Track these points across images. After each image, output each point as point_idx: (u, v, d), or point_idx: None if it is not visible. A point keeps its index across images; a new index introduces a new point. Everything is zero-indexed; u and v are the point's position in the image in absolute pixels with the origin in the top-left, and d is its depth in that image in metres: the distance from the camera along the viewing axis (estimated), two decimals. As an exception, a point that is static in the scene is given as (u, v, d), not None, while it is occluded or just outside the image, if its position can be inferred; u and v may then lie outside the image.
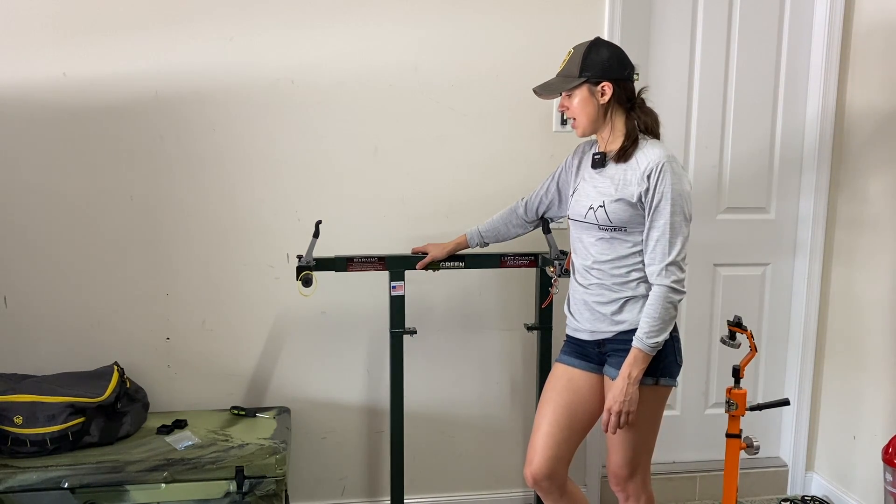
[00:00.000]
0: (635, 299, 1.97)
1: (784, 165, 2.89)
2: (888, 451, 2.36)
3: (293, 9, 2.47)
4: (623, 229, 1.95)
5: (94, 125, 2.44)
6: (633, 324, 1.96)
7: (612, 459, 2.06)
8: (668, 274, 1.89)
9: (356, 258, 2.37)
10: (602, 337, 2.03)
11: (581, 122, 1.99)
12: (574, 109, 1.98)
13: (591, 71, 1.93)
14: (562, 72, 2.00)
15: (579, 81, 1.94)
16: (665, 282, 1.89)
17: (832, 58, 2.76)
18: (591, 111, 1.96)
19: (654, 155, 1.91)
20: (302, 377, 2.67)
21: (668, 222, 1.88)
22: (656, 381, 1.98)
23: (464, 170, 2.64)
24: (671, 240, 1.89)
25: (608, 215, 1.95)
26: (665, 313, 1.90)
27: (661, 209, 1.89)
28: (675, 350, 2.01)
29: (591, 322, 2.04)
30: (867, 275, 2.72)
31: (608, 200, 1.95)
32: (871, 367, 2.70)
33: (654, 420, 2.04)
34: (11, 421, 2.17)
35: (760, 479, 3.01)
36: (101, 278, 2.51)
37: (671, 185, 1.88)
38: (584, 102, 1.96)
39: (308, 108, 2.53)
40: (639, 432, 1.99)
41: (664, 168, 1.88)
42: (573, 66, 1.96)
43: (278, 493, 2.21)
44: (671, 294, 1.90)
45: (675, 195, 1.88)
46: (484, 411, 2.81)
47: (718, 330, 2.94)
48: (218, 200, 2.54)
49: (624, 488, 2.09)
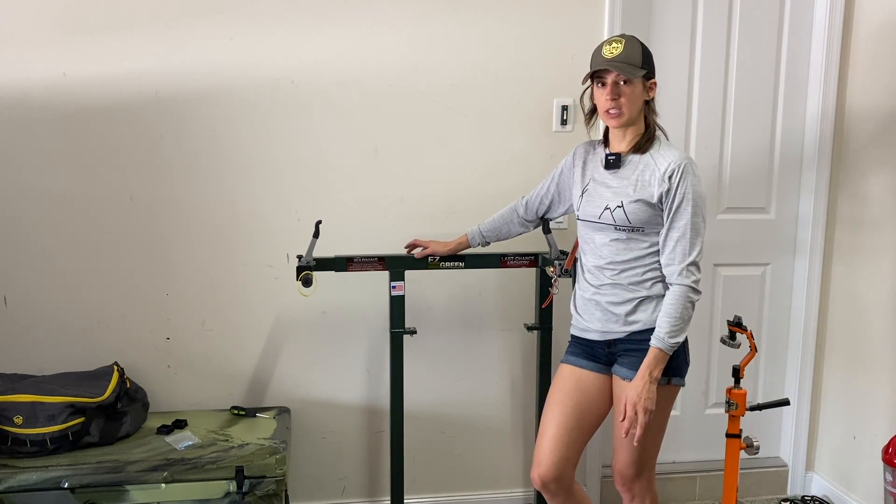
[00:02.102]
0: (649, 300, 1.99)
1: (784, 165, 2.89)
2: (888, 451, 2.36)
3: (293, 9, 2.47)
4: (641, 230, 1.97)
5: (94, 125, 2.44)
6: (646, 324, 1.98)
7: (620, 459, 2.06)
8: (689, 274, 1.92)
9: (356, 258, 2.37)
10: (613, 337, 2.03)
11: (629, 111, 1.96)
12: (627, 97, 1.94)
13: (649, 66, 1.96)
14: (620, 58, 1.92)
15: (643, 72, 1.95)
16: (685, 282, 1.92)
17: (832, 58, 2.76)
18: (640, 104, 1.98)
19: (674, 156, 1.94)
20: (302, 377, 2.67)
21: (688, 223, 1.91)
22: (668, 381, 1.99)
23: (464, 170, 2.64)
24: (692, 240, 1.92)
25: (627, 216, 1.96)
26: (685, 312, 1.92)
27: (682, 210, 1.92)
28: (685, 350, 2.03)
29: (603, 322, 2.04)
30: (867, 275, 2.72)
31: (626, 201, 1.96)
32: (872, 366, 2.70)
33: (664, 420, 2.05)
34: (11, 421, 2.17)
35: (760, 479, 3.01)
36: (101, 278, 2.52)
37: (692, 186, 1.91)
38: (639, 94, 1.96)
39: (308, 108, 2.53)
40: (648, 432, 1.98)
41: (686, 169, 1.91)
42: (635, 56, 1.93)
43: (278, 493, 2.21)
44: (691, 294, 1.93)
45: (696, 196, 1.91)
46: (484, 411, 2.81)
47: (718, 330, 2.94)
48: (218, 200, 2.54)
49: (630, 488, 2.09)
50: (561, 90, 2.61)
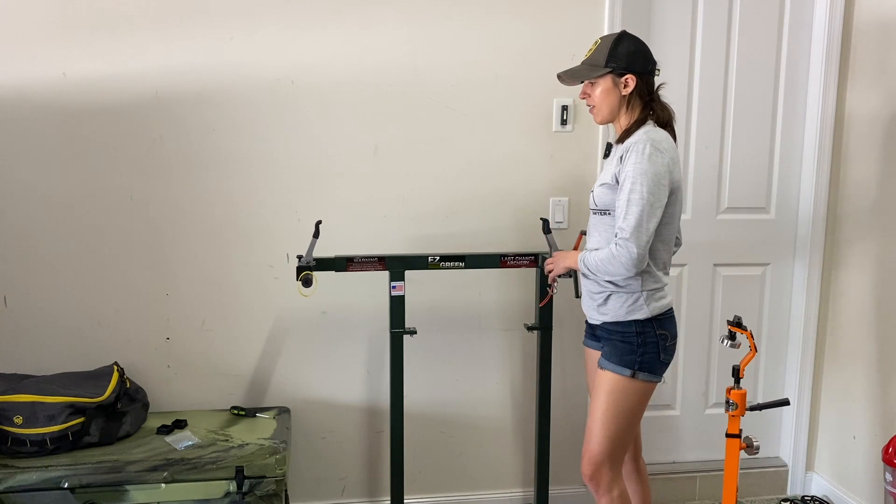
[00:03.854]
0: (618, 294, 2.03)
1: (784, 165, 2.89)
2: (888, 451, 2.36)
3: (293, 9, 2.47)
4: (608, 212, 2.04)
5: (94, 125, 2.44)
6: (615, 317, 2.03)
7: (586, 447, 2.08)
8: (622, 244, 1.92)
9: (356, 258, 2.37)
10: (594, 322, 2.14)
11: (601, 110, 2.06)
12: (596, 97, 2.05)
13: (617, 62, 2.00)
14: (588, 60, 2.06)
15: (605, 71, 2.01)
16: (615, 249, 1.93)
17: (832, 58, 2.76)
18: (613, 101, 2.03)
19: (634, 139, 1.98)
20: (302, 377, 2.67)
21: (626, 198, 1.92)
22: (633, 374, 2.01)
23: (464, 170, 2.64)
24: (626, 213, 1.92)
25: (594, 198, 2.07)
26: (604, 266, 1.96)
27: (623, 185, 1.95)
28: (659, 347, 2.03)
29: (587, 307, 2.16)
30: (867, 275, 2.72)
31: (598, 184, 2.08)
32: (871, 367, 2.70)
33: (631, 413, 2.05)
34: (11, 421, 2.17)
35: (760, 479, 3.01)
36: (101, 278, 2.52)
37: (635, 163, 1.92)
38: (606, 92, 2.03)
39: (308, 108, 2.53)
40: (615, 421, 2.03)
41: (634, 148, 1.94)
42: (600, 56, 2.02)
43: (278, 493, 2.21)
44: (617, 261, 1.93)
45: (637, 173, 1.91)
46: (484, 411, 2.81)
47: (718, 330, 2.94)
48: (218, 201, 2.54)
49: (597, 479, 2.08)
50: (561, 90, 2.61)
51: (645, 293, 2.01)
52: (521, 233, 2.68)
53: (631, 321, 2.01)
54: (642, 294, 2.01)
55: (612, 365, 2.03)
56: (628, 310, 2.02)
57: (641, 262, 1.93)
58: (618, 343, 2.03)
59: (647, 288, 2.01)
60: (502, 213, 2.67)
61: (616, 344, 2.03)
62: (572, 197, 2.70)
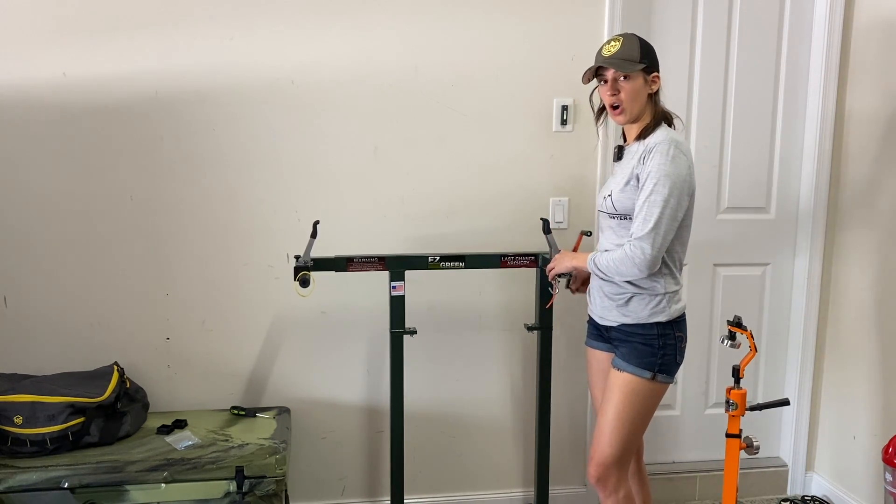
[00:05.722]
0: (640, 296, 2.01)
1: (784, 165, 2.89)
2: (888, 451, 2.36)
3: (293, 9, 2.47)
4: (628, 217, 2.00)
5: (94, 125, 2.44)
6: (637, 319, 2.01)
7: (596, 448, 2.07)
8: (638, 246, 1.92)
9: (356, 258, 2.37)
10: (608, 324, 2.09)
11: (631, 107, 2.00)
12: (628, 93, 1.99)
13: (649, 60, 1.99)
14: (617, 55, 1.98)
15: (641, 66, 1.97)
16: (631, 251, 1.92)
17: (832, 58, 2.76)
18: (643, 99, 2.01)
19: (657, 138, 1.97)
20: (302, 377, 2.67)
21: (646, 199, 1.91)
22: (653, 376, 2.00)
23: (464, 170, 2.64)
24: (646, 216, 1.91)
25: (614, 203, 2.02)
26: (618, 267, 1.95)
27: (645, 186, 1.93)
28: (676, 349, 2.04)
29: (602, 308, 2.11)
30: (867, 275, 2.71)
31: (616, 189, 2.02)
32: (871, 366, 2.70)
33: (646, 414, 2.06)
34: (11, 421, 2.17)
35: (760, 479, 3.01)
36: (101, 278, 2.52)
37: (658, 165, 1.91)
38: (639, 89, 2.00)
39: (308, 108, 2.53)
40: (630, 423, 2.02)
41: (658, 149, 1.93)
42: (632, 52, 1.97)
43: (278, 493, 2.21)
44: (631, 263, 1.92)
45: (661, 175, 1.90)
46: (484, 411, 2.81)
47: (718, 330, 2.94)
48: (218, 200, 2.54)
49: (604, 481, 2.08)
50: (561, 90, 2.61)
51: (667, 295, 2.01)
52: (521, 233, 2.68)
53: (653, 323, 2.01)
54: (665, 296, 2.01)
55: (631, 367, 2.01)
56: (651, 312, 2.01)
57: (654, 263, 1.93)
58: (638, 345, 2.01)
59: (668, 290, 2.01)
60: (502, 213, 2.67)
61: (636, 346, 2.02)
62: (572, 197, 2.70)
